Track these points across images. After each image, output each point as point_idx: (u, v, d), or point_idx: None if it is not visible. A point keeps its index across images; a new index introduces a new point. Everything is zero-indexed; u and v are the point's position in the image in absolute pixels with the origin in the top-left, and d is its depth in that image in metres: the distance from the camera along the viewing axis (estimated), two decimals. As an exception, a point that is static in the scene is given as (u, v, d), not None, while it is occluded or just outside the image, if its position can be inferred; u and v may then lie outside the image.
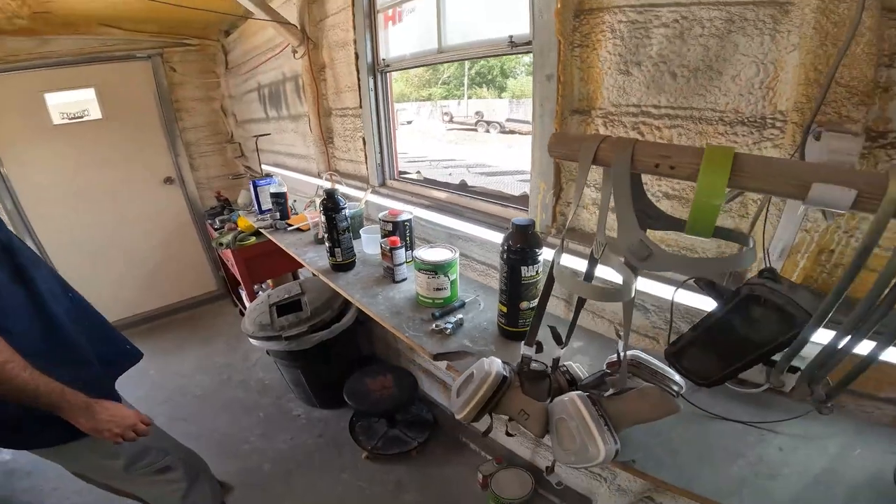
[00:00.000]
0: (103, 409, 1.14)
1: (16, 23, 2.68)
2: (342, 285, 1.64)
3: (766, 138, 0.89)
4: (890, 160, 0.77)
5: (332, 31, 2.09)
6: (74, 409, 1.08)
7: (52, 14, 2.66)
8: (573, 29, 1.11)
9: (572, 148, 0.67)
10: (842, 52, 0.69)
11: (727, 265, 0.67)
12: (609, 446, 0.70)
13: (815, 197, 0.46)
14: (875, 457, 0.82)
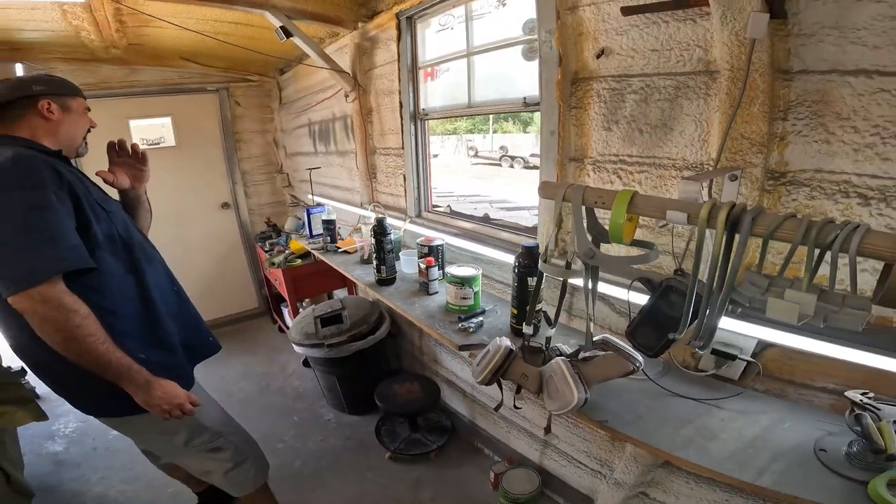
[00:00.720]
0: (159, 387, 1.24)
1: (112, 52, 3.13)
2: (385, 296, 1.99)
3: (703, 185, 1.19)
4: (789, 195, 1.06)
5: (379, 80, 2.51)
6: (134, 384, 1.20)
7: (143, 46, 3.11)
8: (570, 94, 1.46)
9: (551, 192, 1.00)
10: (732, 114, 1.00)
11: (637, 261, 0.94)
12: (581, 394, 0.98)
13: (669, 217, 0.77)
14: (801, 430, 1.05)
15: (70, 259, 1.10)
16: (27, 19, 2.54)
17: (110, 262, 1.24)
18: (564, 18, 1.43)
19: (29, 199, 1.07)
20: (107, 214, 1.27)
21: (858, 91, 0.96)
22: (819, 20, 0.97)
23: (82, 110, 1.36)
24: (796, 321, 0.66)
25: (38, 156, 1.15)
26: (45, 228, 1.07)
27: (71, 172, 1.22)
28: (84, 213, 1.17)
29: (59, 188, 1.12)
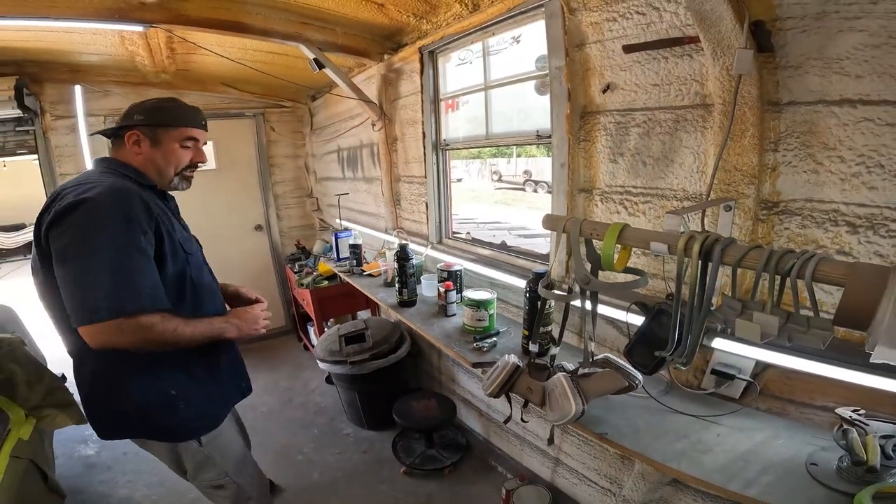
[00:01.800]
0: (239, 320, 1.38)
1: (161, 77, 3.41)
2: (406, 316, 2.11)
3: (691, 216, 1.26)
4: (782, 224, 1.12)
5: (404, 110, 2.67)
6: (225, 332, 1.32)
7: (189, 72, 3.38)
8: (579, 127, 1.56)
9: (553, 224, 1.11)
10: (721, 147, 1.08)
11: (629, 286, 1.02)
12: (578, 405, 1.05)
13: (653, 248, 0.86)
14: (794, 446, 1.09)
15: (147, 300, 1.12)
16: (88, 43, 2.81)
17: (175, 300, 1.25)
18: (573, 55, 1.54)
19: (118, 236, 1.10)
20: (186, 256, 1.30)
21: (843, 121, 1.02)
22: (804, 52, 1.04)
23: (177, 143, 1.32)
24: (759, 339, 0.73)
25: (131, 189, 1.18)
26: (127, 267, 1.10)
27: (161, 208, 1.27)
28: (163, 251, 1.21)
29: (148, 225, 1.16)
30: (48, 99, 3.41)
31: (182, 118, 1.32)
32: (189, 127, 1.33)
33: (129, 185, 1.20)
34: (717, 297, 0.93)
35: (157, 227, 1.19)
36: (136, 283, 1.11)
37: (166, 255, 1.22)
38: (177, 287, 1.27)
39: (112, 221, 1.10)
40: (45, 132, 3.42)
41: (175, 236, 1.27)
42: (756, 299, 0.79)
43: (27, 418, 1.99)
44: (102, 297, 1.07)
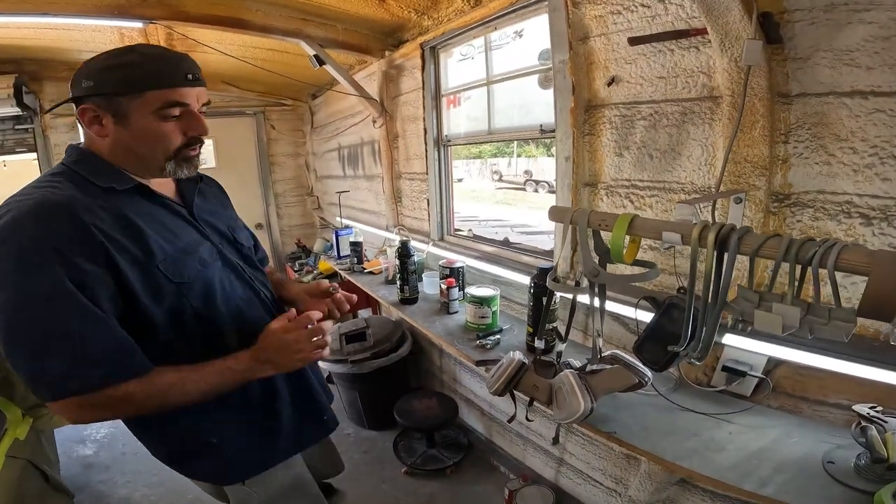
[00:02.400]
0: (271, 352, 0.96)
1: None
2: (408, 314, 2.08)
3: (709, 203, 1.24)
4: (794, 216, 1.09)
5: (405, 106, 2.64)
6: (253, 373, 0.96)
7: None
8: (583, 121, 1.53)
9: (560, 215, 1.08)
10: (731, 138, 1.06)
11: (640, 278, 0.99)
12: (587, 403, 1.02)
13: (665, 238, 0.83)
14: (809, 444, 1.06)
15: (100, 370, 0.80)
16: (88, 41, 2.80)
17: (174, 346, 0.93)
18: (577, 49, 1.52)
19: (41, 282, 0.76)
20: (175, 287, 0.91)
21: (855, 112, 1.00)
22: (813, 44, 1.02)
23: (151, 115, 0.87)
24: (781, 332, 0.70)
25: (63, 204, 0.80)
26: (64, 326, 0.78)
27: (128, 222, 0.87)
28: (130, 289, 0.85)
29: (89, 257, 0.80)
30: (47, 97, 3.40)
31: (150, 76, 0.85)
32: (165, 88, 0.87)
33: (67, 196, 0.82)
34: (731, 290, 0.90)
35: (109, 258, 0.81)
36: (79, 350, 0.78)
37: (137, 293, 0.85)
38: (172, 328, 0.92)
39: (28, 262, 0.76)
40: (44, 130, 3.41)
41: (153, 259, 0.88)
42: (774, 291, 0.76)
43: (24, 418, 1.97)
44: (41, 372, 0.78)
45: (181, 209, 1.02)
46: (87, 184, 0.87)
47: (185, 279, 0.92)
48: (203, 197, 1.12)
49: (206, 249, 1.01)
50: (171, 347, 0.92)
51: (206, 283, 0.97)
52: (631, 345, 1.52)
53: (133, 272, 0.85)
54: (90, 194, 0.85)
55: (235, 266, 1.07)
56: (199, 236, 1.02)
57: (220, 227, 1.10)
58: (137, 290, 0.85)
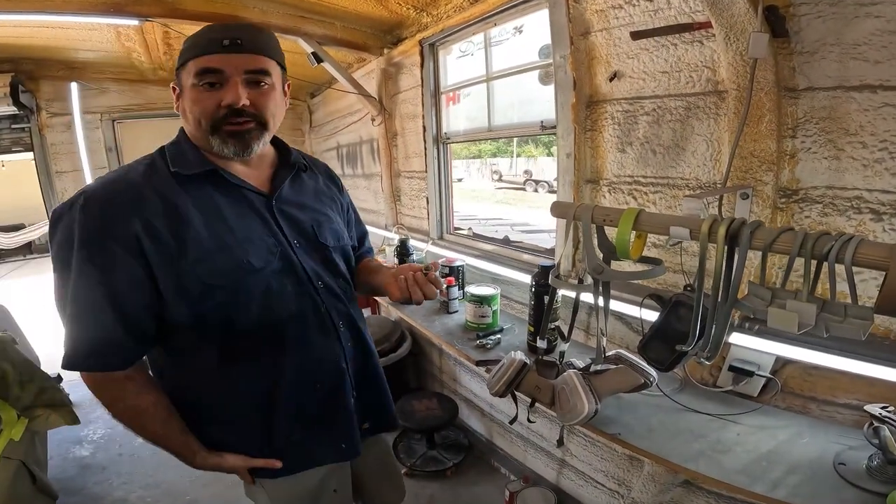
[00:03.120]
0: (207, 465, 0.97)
1: (159, 73, 3.33)
2: (407, 314, 2.05)
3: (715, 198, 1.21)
4: (802, 212, 1.07)
5: (404, 104, 2.62)
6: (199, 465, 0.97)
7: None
8: (585, 117, 1.51)
9: (562, 210, 1.05)
10: (738, 133, 1.03)
11: (646, 275, 0.96)
12: (591, 405, 1.00)
13: (673, 233, 0.80)
14: (820, 445, 1.03)
15: (81, 358, 0.85)
16: (84, 39, 2.77)
17: (204, 349, 0.91)
18: (578, 44, 1.49)
19: (81, 260, 0.81)
20: (208, 289, 0.87)
21: (864, 106, 0.98)
22: (820, 38, 1.01)
23: (192, 83, 0.87)
24: (796, 330, 0.67)
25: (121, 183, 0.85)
26: (82, 307, 0.83)
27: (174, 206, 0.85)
28: (157, 284, 0.85)
29: (124, 244, 0.81)
30: (44, 96, 3.37)
31: (193, 47, 0.87)
32: (199, 56, 0.85)
33: (126, 183, 0.85)
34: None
35: (141, 249, 0.82)
36: (78, 333, 0.84)
37: (163, 288, 0.85)
38: (196, 328, 0.89)
39: (69, 242, 0.81)
40: (41, 129, 3.38)
41: (185, 256, 0.84)
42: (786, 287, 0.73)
43: (19, 418, 1.94)
44: (64, 339, 0.85)
45: (258, 198, 0.96)
46: (164, 167, 0.89)
47: (216, 281, 0.86)
48: (298, 186, 1.05)
49: (262, 248, 0.92)
50: (196, 346, 0.91)
51: (244, 287, 0.89)
52: (634, 344, 1.51)
53: (162, 265, 0.83)
54: (157, 178, 0.87)
55: (299, 274, 0.97)
56: (263, 231, 0.94)
57: (302, 222, 1.01)
58: (164, 285, 0.84)
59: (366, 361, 1.12)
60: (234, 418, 0.98)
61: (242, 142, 0.89)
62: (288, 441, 1.00)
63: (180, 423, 0.94)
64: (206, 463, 0.96)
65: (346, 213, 1.20)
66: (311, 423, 1.02)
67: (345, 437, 1.07)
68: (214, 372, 0.93)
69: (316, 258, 1.01)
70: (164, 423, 0.92)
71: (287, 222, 0.98)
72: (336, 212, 1.13)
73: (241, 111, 0.87)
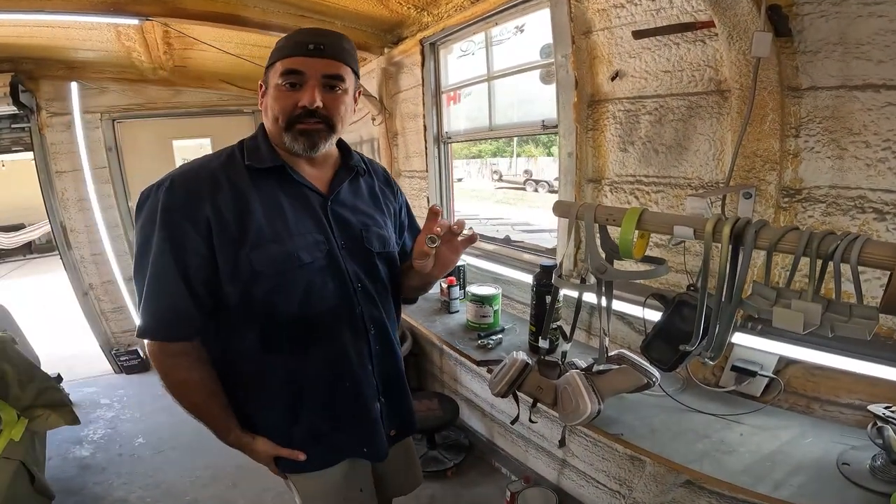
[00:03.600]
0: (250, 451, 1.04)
1: (159, 73, 3.32)
2: (408, 313, 2.04)
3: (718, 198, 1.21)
4: (805, 211, 1.07)
5: (404, 104, 2.61)
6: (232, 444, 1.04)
7: (187, 68, 3.31)
8: (587, 116, 1.51)
9: (565, 210, 1.05)
10: (741, 132, 1.03)
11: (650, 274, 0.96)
12: (594, 405, 0.99)
13: (677, 233, 0.80)
14: (823, 445, 1.03)
15: (150, 325, 0.94)
16: (84, 39, 2.76)
17: (247, 330, 0.98)
18: (579, 43, 1.49)
19: (155, 239, 0.90)
20: (253, 273, 0.93)
21: (867, 106, 0.98)
22: (823, 37, 1.00)
23: (277, 82, 0.94)
24: (802, 330, 0.67)
25: (202, 169, 0.95)
26: (153, 279, 0.91)
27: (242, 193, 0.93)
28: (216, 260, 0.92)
29: (193, 221, 0.90)
30: (44, 96, 3.36)
31: (283, 49, 0.94)
32: (286, 57, 0.93)
33: (207, 170, 0.95)
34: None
35: (209, 230, 0.90)
36: (151, 304, 0.92)
37: (220, 268, 0.93)
38: (242, 310, 0.96)
39: (152, 219, 0.90)
40: (41, 129, 3.37)
41: (245, 241, 0.92)
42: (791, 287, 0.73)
43: (19, 419, 1.94)
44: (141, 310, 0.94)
45: (316, 197, 1.02)
46: (239, 158, 0.98)
47: (266, 269, 0.93)
48: (354, 189, 1.11)
49: (311, 244, 0.98)
50: (241, 327, 0.98)
51: (290, 280, 0.96)
52: (636, 344, 1.51)
53: (224, 248, 0.91)
54: (232, 168, 0.96)
55: (343, 273, 1.01)
56: (316, 228, 0.99)
57: (353, 224, 1.05)
58: (222, 266, 0.92)
59: (393, 366, 1.16)
60: (265, 405, 1.03)
61: (311, 140, 0.95)
62: (312, 435, 1.04)
63: (222, 399, 1.00)
64: (239, 441, 1.03)
65: (398, 216, 1.24)
66: (335, 421, 1.05)
67: (368, 440, 1.09)
68: (252, 356, 0.99)
69: (359, 261, 1.05)
70: (209, 397, 0.99)
71: (338, 223, 1.03)
72: (388, 216, 1.17)
73: (314, 112, 0.93)
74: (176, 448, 2.67)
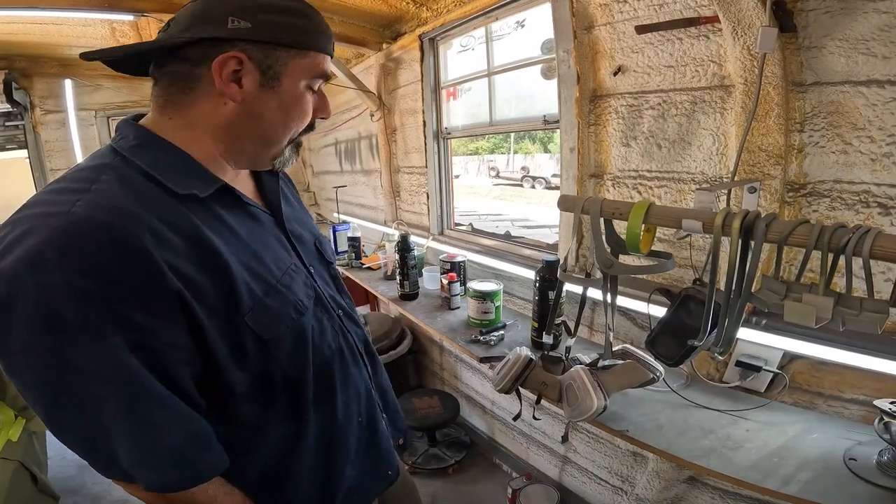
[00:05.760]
0: None
1: None
2: (408, 310, 2.03)
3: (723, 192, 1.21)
4: (810, 206, 1.06)
5: (403, 99, 2.60)
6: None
7: None
8: (588, 111, 1.50)
9: (570, 204, 1.04)
10: (747, 127, 1.03)
11: (656, 269, 0.96)
12: (600, 401, 0.99)
13: (685, 226, 0.80)
14: (829, 440, 1.03)
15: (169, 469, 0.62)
16: (78, 36, 2.73)
17: (257, 413, 0.72)
18: (581, 38, 1.48)
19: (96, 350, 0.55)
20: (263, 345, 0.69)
21: (872, 101, 0.98)
22: (828, 33, 1.00)
23: (304, 82, 0.70)
24: (814, 324, 0.67)
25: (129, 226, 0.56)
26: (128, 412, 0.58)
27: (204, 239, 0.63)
28: (210, 348, 0.63)
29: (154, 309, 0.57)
30: (38, 93, 3.34)
31: (318, 34, 0.69)
32: (324, 52, 0.71)
33: (124, 212, 0.57)
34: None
35: (185, 308, 0.60)
36: (150, 442, 0.60)
37: (216, 354, 0.64)
38: (256, 396, 0.71)
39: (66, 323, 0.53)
40: (35, 127, 3.35)
41: (239, 308, 0.65)
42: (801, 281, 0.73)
43: (16, 419, 1.92)
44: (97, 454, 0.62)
45: (267, 218, 0.79)
46: (150, 187, 0.62)
47: (276, 334, 0.69)
48: (287, 200, 0.87)
49: (300, 280, 0.77)
50: (247, 412, 0.71)
51: (300, 334, 0.74)
52: (637, 340, 1.51)
53: (212, 326, 0.62)
54: (155, 205, 0.60)
55: (327, 303, 0.83)
56: (290, 258, 0.78)
57: (307, 240, 0.86)
58: (216, 350, 0.63)
59: (383, 375, 1.04)
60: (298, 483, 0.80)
61: (295, 156, 0.78)
62: (345, 488, 0.86)
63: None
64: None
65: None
66: (360, 462, 0.89)
67: (388, 463, 0.97)
68: (282, 437, 0.76)
69: (328, 280, 0.90)
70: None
71: (300, 245, 0.83)
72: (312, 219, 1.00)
73: (312, 126, 0.76)
74: (175, 447, 2.65)
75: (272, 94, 0.67)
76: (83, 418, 0.59)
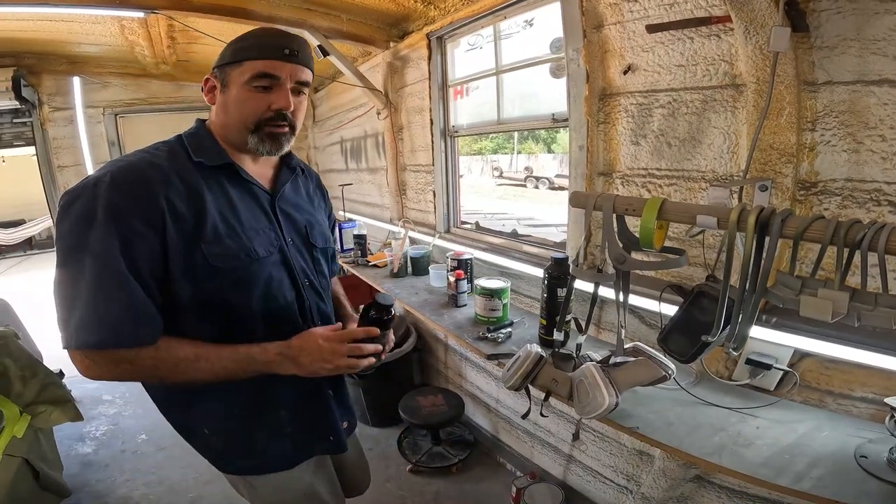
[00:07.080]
0: (302, 352, 0.95)
1: (161, 68, 3.34)
2: (414, 307, 2.03)
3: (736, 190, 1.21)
4: (821, 204, 1.07)
5: (410, 98, 2.60)
6: (270, 366, 0.95)
7: (191, 62, 3.31)
8: (598, 110, 1.50)
9: (582, 200, 1.05)
10: (759, 125, 1.03)
11: (669, 264, 0.96)
12: (612, 398, 0.99)
13: (699, 222, 0.80)
14: (840, 438, 1.03)
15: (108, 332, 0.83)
16: (88, 33, 2.75)
17: (192, 324, 0.93)
18: (591, 37, 1.49)
19: (95, 241, 0.82)
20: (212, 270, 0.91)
21: (883, 101, 0.98)
22: (840, 33, 1.01)
23: (243, 85, 0.92)
24: (830, 318, 0.67)
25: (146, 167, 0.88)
26: (96, 285, 0.82)
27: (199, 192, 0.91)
28: (169, 263, 0.88)
29: (146, 221, 0.84)
30: (46, 90, 3.36)
31: (251, 49, 0.91)
32: (259, 59, 0.91)
33: (152, 164, 0.89)
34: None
35: (164, 223, 0.85)
36: (91, 310, 0.82)
37: (173, 263, 0.88)
38: (198, 308, 0.92)
39: (92, 218, 0.82)
40: (43, 124, 3.37)
41: (201, 236, 0.90)
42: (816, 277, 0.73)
43: (22, 415, 1.93)
44: (62, 320, 0.84)
45: (264, 195, 1.04)
46: (184, 155, 0.94)
47: (223, 264, 0.92)
48: (295, 188, 1.14)
49: (265, 240, 1.00)
50: (195, 326, 0.93)
51: (247, 274, 0.96)
52: (646, 338, 1.51)
53: (178, 242, 0.87)
54: (179, 164, 0.92)
55: (292, 268, 1.05)
56: (266, 224, 1.02)
57: (298, 221, 1.10)
58: (174, 263, 0.88)
59: None
60: (221, 408, 1.02)
61: (277, 143, 0.98)
62: (276, 434, 1.05)
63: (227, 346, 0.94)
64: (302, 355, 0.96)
65: (328, 223, 1.28)
66: (298, 417, 1.08)
67: (332, 430, 1.13)
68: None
69: (306, 256, 1.10)
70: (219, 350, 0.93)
71: (285, 220, 1.06)
72: (323, 217, 1.23)
73: (284, 116, 0.96)
74: (179, 445, 2.64)
75: (227, 96, 0.95)
76: (71, 281, 0.83)
